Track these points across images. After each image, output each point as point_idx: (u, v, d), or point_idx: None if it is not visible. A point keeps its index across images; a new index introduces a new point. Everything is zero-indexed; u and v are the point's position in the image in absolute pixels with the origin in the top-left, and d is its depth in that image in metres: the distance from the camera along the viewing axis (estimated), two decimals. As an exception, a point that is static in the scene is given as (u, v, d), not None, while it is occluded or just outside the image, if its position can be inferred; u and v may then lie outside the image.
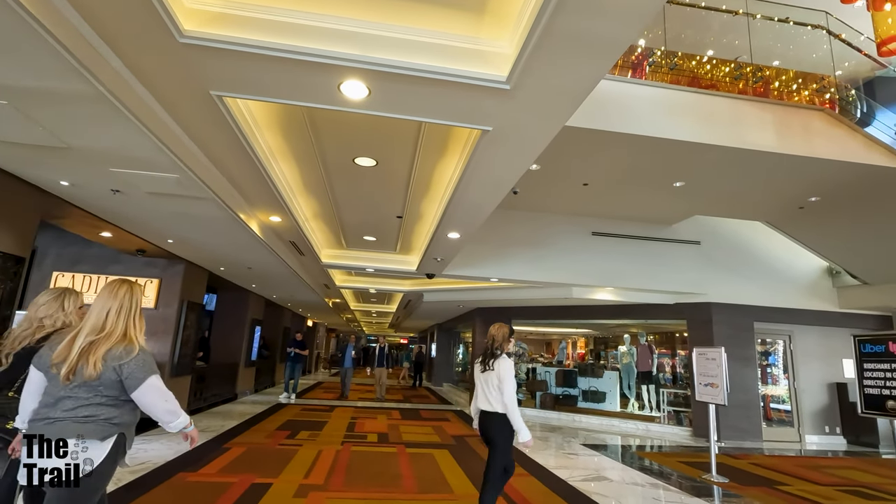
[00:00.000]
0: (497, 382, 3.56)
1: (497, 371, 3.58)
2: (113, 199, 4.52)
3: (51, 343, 2.04)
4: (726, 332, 9.12)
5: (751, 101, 6.24)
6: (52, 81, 2.51)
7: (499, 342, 3.73)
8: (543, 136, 3.21)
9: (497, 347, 3.72)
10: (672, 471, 6.16)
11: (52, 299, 2.46)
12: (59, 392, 1.92)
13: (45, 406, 1.94)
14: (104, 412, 1.94)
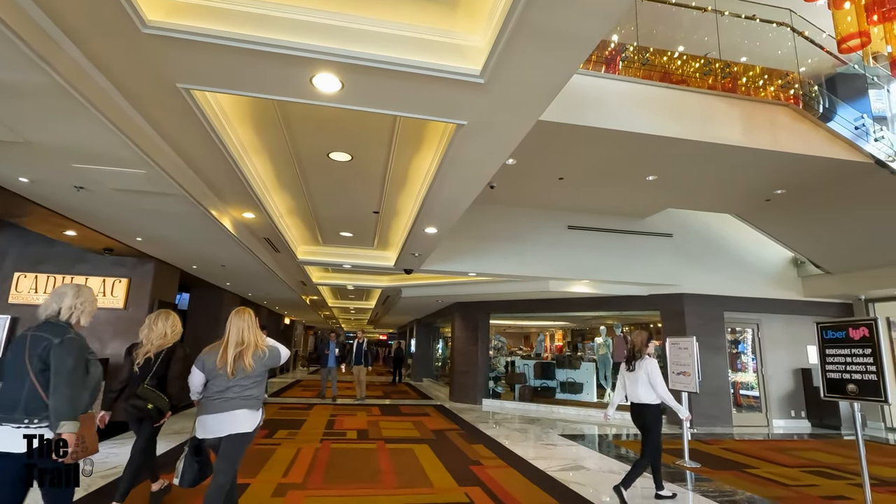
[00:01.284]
0: (646, 379, 4.45)
1: (645, 370, 4.47)
2: (77, 196, 4.36)
3: (207, 354, 3.12)
4: (698, 322, 9.37)
5: (720, 96, 6.39)
6: (6, 72, 2.39)
7: (639, 346, 4.62)
8: (518, 130, 3.23)
9: (638, 351, 4.61)
10: (647, 458, 6.31)
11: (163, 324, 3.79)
12: (227, 383, 3.00)
13: (219, 390, 3.00)
14: (256, 392, 3.09)
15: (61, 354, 2.34)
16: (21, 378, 2.33)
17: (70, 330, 2.46)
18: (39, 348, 2.35)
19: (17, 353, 2.38)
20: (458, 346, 12.62)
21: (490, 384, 12.11)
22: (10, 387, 2.34)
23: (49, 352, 2.34)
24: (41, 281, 7.16)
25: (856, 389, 4.09)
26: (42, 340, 2.36)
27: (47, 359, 2.33)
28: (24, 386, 2.31)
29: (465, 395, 12.02)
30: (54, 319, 2.46)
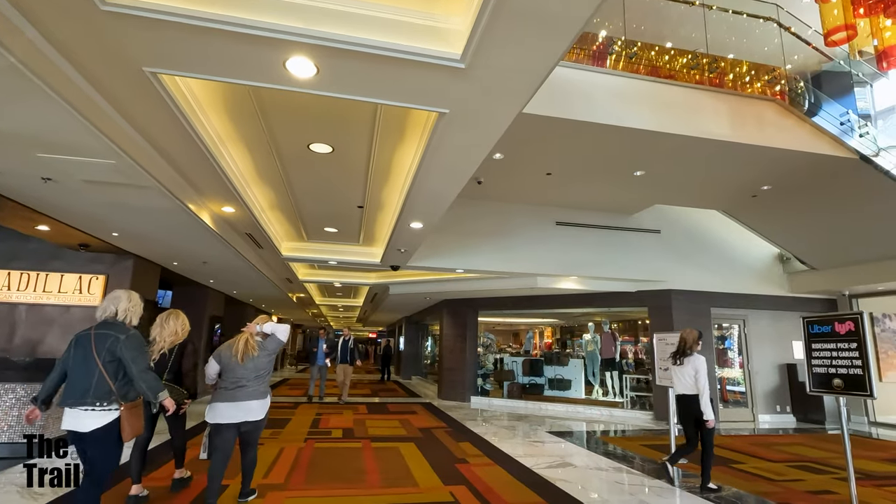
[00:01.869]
0: (693, 373, 4.79)
1: (693, 365, 4.84)
2: (45, 188, 4.18)
3: (223, 348, 3.81)
4: (685, 318, 9.37)
5: (707, 91, 6.37)
6: (-45, 52, 2.25)
7: (689, 343, 5.03)
8: (502, 118, 3.14)
9: (688, 347, 5.01)
10: (635, 454, 6.29)
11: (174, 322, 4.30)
12: (239, 379, 3.69)
13: (233, 381, 3.69)
14: (262, 387, 3.83)
15: (131, 347, 2.89)
16: (90, 369, 2.81)
17: (129, 328, 3.01)
18: (107, 343, 2.85)
19: (83, 348, 2.86)
20: (446, 344, 12.54)
21: (479, 381, 12.04)
22: (79, 377, 2.81)
23: (118, 346, 2.85)
24: (14, 278, 6.93)
25: (841, 384, 4.07)
26: (108, 337, 2.87)
27: (116, 352, 2.84)
28: (93, 375, 2.80)
29: (453, 392, 11.94)
30: (112, 319, 2.99)
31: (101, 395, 2.78)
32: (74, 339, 2.94)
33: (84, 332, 2.95)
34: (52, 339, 6.94)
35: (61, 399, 2.86)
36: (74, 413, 2.76)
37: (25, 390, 5.46)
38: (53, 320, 6.99)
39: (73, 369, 2.85)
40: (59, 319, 7.01)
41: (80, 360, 2.84)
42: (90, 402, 2.76)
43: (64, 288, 7.05)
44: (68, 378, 2.87)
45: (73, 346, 2.91)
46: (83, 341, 2.89)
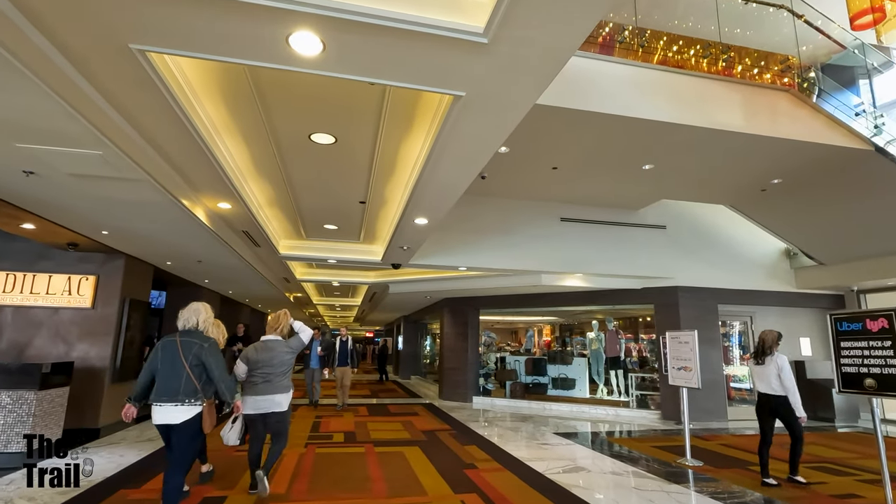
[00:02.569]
0: (776, 373, 5.06)
1: (775, 364, 5.11)
2: (28, 182, 3.91)
3: (248, 351, 4.24)
4: (692, 315, 9.19)
5: (719, 80, 6.17)
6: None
7: (769, 343, 5.31)
8: (522, 102, 2.90)
9: (768, 347, 5.28)
10: (647, 456, 6.08)
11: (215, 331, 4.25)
12: (266, 375, 4.12)
13: (264, 377, 4.11)
14: (286, 382, 4.25)
15: (212, 353, 3.45)
16: (177, 371, 3.30)
17: (209, 337, 3.54)
18: (193, 349, 3.38)
19: (170, 353, 3.36)
20: (447, 343, 12.31)
21: (480, 381, 11.83)
22: (169, 378, 3.29)
23: (202, 352, 3.39)
24: (0, 279, 6.63)
25: (874, 384, 3.87)
26: (193, 344, 3.40)
27: (201, 356, 3.38)
28: (181, 377, 3.29)
29: (454, 392, 11.72)
30: (193, 329, 3.52)
31: (189, 393, 3.31)
32: (161, 345, 3.43)
33: (170, 339, 3.44)
34: (40, 342, 6.66)
35: (153, 396, 3.31)
36: (166, 408, 3.26)
37: (11, 397, 5.19)
38: (41, 323, 6.70)
39: (162, 371, 3.34)
40: (48, 322, 6.72)
41: (167, 364, 3.34)
42: (180, 399, 3.28)
43: (52, 289, 6.76)
44: (158, 379, 3.34)
45: (160, 351, 3.40)
46: (170, 347, 3.39)
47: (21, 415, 5.17)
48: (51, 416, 5.54)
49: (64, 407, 5.82)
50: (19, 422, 5.15)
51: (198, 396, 3.32)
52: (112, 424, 6.86)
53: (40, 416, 5.33)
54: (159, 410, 3.26)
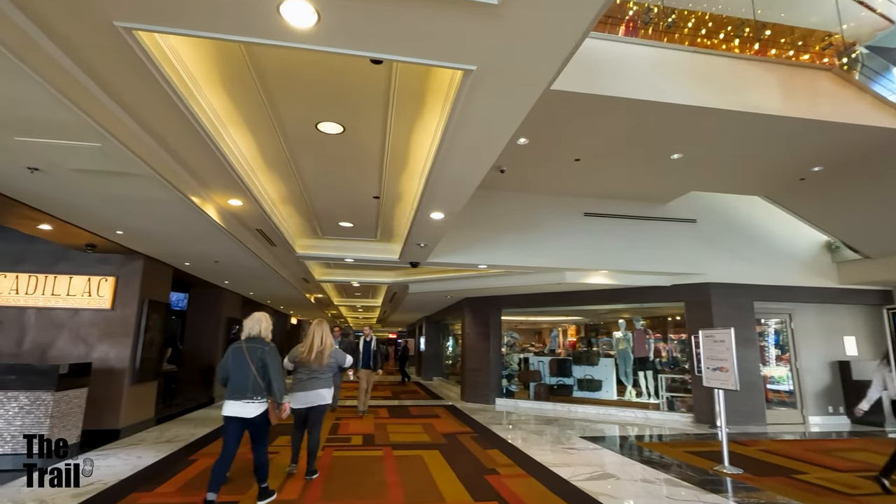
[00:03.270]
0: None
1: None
2: (34, 180, 3.84)
3: (295, 350, 4.96)
4: (726, 313, 8.73)
5: (754, 61, 5.78)
6: None
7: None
8: (539, 76, 2.65)
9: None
10: (680, 463, 5.71)
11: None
12: (311, 371, 4.84)
13: (307, 375, 4.81)
14: (330, 378, 4.96)
15: (273, 356, 4.02)
16: (245, 372, 3.90)
17: (270, 342, 4.12)
18: (258, 353, 3.96)
19: (239, 357, 3.96)
20: (468, 344, 12.06)
21: (503, 383, 11.53)
22: (238, 378, 3.90)
23: (265, 355, 3.97)
24: (22, 281, 6.69)
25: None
26: (257, 349, 3.97)
27: (264, 359, 3.95)
28: (248, 377, 3.90)
29: (477, 394, 11.46)
30: (257, 335, 4.08)
31: (257, 391, 3.91)
32: (230, 351, 4.01)
33: (237, 346, 4.02)
34: (61, 343, 6.70)
35: (227, 394, 3.91)
36: (239, 404, 3.87)
37: (28, 398, 5.18)
38: (63, 324, 6.74)
39: (233, 373, 3.93)
40: (69, 323, 6.75)
41: (237, 366, 3.94)
42: (250, 396, 3.88)
43: (73, 291, 6.80)
44: (230, 379, 3.93)
45: (231, 356, 3.98)
46: (238, 352, 3.98)
47: (39, 416, 5.16)
48: (69, 417, 5.53)
49: (82, 408, 5.82)
50: (37, 423, 5.14)
51: (263, 394, 3.95)
52: (132, 426, 6.86)
53: (58, 418, 5.31)
54: (232, 405, 3.88)
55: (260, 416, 3.95)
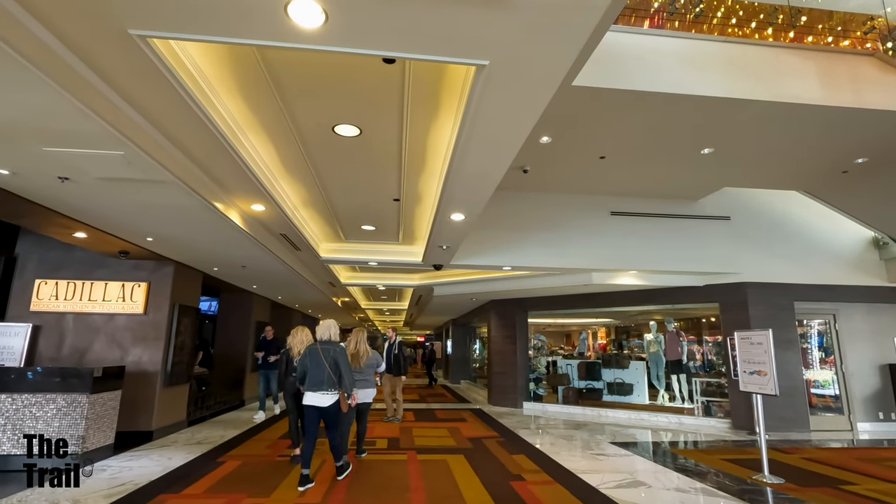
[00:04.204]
0: None
1: None
2: (64, 189, 3.97)
3: None
4: (764, 314, 8.34)
5: (789, 48, 5.49)
6: None
7: None
8: (554, 69, 2.55)
9: None
10: (717, 471, 5.45)
11: (303, 336, 5.76)
12: (356, 375, 5.51)
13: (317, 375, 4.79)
14: (371, 379, 5.97)
15: (343, 355, 4.80)
16: (321, 368, 4.68)
17: (340, 344, 4.93)
18: (331, 353, 4.75)
19: (315, 356, 4.74)
20: (495, 346, 11.93)
21: (531, 386, 11.34)
22: (316, 374, 4.68)
23: (336, 354, 4.75)
24: (61, 287, 6.97)
25: None
26: (330, 350, 4.76)
27: (336, 358, 4.73)
28: (324, 372, 4.67)
29: (504, 397, 11.31)
30: (328, 339, 4.90)
31: (331, 385, 4.68)
32: (307, 351, 4.84)
33: (313, 347, 4.84)
34: (98, 346, 6.93)
35: (306, 386, 4.73)
36: (317, 395, 4.65)
37: (65, 400, 5.36)
38: (99, 329, 6.98)
39: (311, 369, 4.72)
40: (105, 328, 6.99)
41: (314, 364, 4.73)
42: (325, 389, 4.66)
43: (108, 296, 7.03)
44: (308, 375, 4.72)
45: (308, 355, 4.81)
46: (314, 353, 4.77)
47: (75, 417, 5.33)
48: (103, 419, 5.70)
49: (116, 410, 5.99)
50: (73, 424, 5.31)
51: (335, 387, 4.69)
52: (164, 427, 7.03)
53: (93, 419, 5.48)
54: (311, 396, 4.67)
55: (333, 405, 4.68)
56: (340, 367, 4.70)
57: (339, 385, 4.70)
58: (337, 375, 4.69)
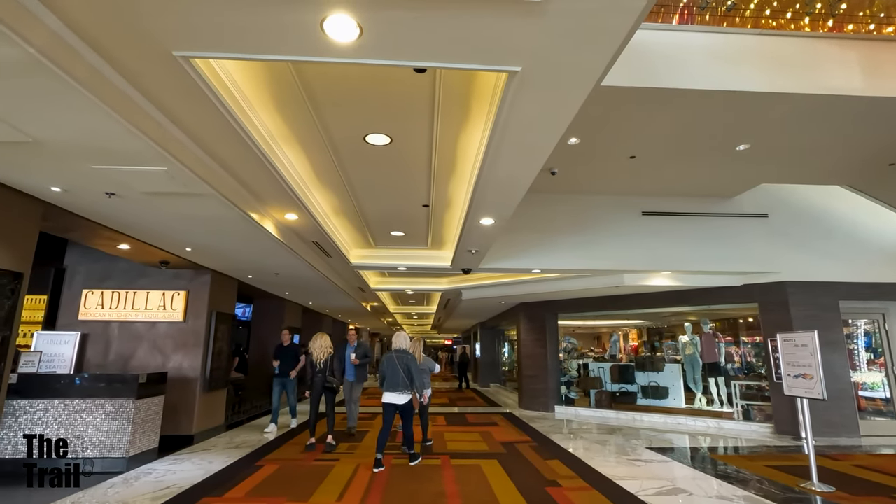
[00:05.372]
0: None
1: None
2: (111, 204, 4.16)
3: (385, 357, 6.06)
4: (806, 314, 8.02)
5: (829, 38, 5.29)
6: (-27, 47, 2.06)
7: None
8: (587, 74, 2.53)
9: None
10: (760, 478, 5.27)
11: (322, 341, 6.93)
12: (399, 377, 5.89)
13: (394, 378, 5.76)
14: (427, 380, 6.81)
15: (414, 362, 5.82)
16: (397, 373, 5.65)
17: (411, 353, 5.95)
18: (405, 360, 5.74)
19: (392, 363, 5.74)
20: (524, 350, 11.84)
21: (562, 389, 11.21)
22: (392, 377, 5.68)
23: (409, 362, 5.74)
24: (107, 297, 7.28)
25: None
26: (403, 358, 5.76)
27: (408, 364, 5.72)
28: (399, 376, 5.64)
29: (535, 401, 11.21)
30: (401, 348, 5.88)
31: (405, 386, 5.65)
32: (385, 358, 5.87)
33: (390, 355, 5.84)
34: (141, 353, 7.20)
35: (385, 387, 5.74)
36: (394, 395, 5.66)
37: (113, 406, 5.59)
38: (142, 336, 7.25)
39: (388, 374, 5.72)
40: (147, 335, 7.26)
41: (391, 369, 5.72)
42: (400, 390, 5.65)
43: (150, 305, 7.30)
44: (387, 378, 5.72)
45: (386, 362, 5.82)
46: (391, 360, 5.78)
47: (122, 422, 5.56)
48: (148, 423, 5.91)
49: (160, 415, 6.20)
50: (120, 429, 5.53)
51: (408, 389, 5.67)
52: (204, 431, 7.24)
53: (139, 424, 5.70)
54: (389, 396, 5.68)
55: (407, 403, 5.70)
56: (412, 372, 5.68)
57: (411, 386, 5.67)
58: (409, 378, 5.65)
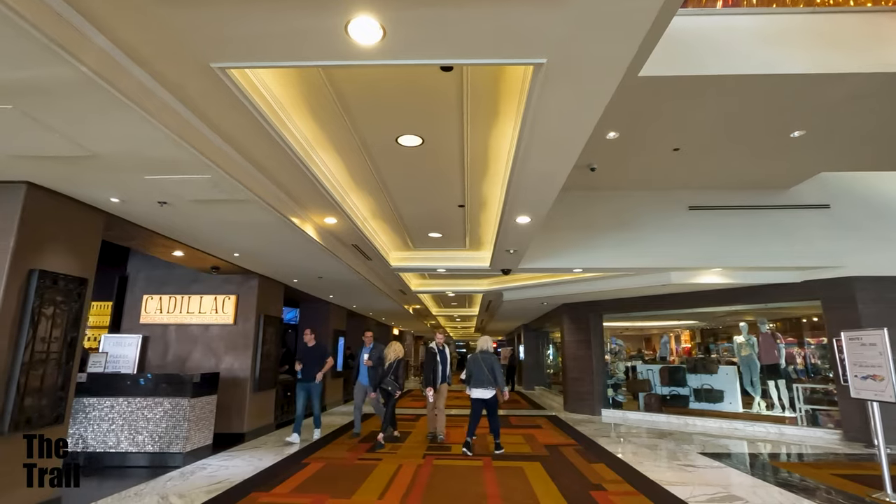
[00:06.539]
0: None
1: None
2: (164, 212, 4.43)
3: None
4: (876, 311, 7.43)
5: (888, 11, 4.89)
6: (33, 69, 2.25)
7: None
8: (614, 63, 2.46)
9: None
10: (827, 487, 4.91)
11: (396, 347, 7.28)
12: None
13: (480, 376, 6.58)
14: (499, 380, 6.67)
15: (497, 363, 6.64)
16: (482, 372, 6.47)
17: (494, 353, 6.75)
18: (489, 361, 6.57)
19: (477, 363, 6.55)
20: (569, 352, 11.60)
21: (609, 392, 10.89)
22: (479, 375, 6.49)
23: (492, 362, 6.57)
24: (164, 302, 7.74)
25: None
26: (488, 358, 6.58)
27: (492, 364, 6.54)
28: (484, 374, 6.46)
29: (580, 404, 10.94)
30: (484, 349, 6.71)
31: (489, 383, 6.43)
32: (471, 359, 6.67)
33: (475, 356, 6.64)
34: (196, 355, 7.60)
35: (472, 384, 6.52)
36: (480, 391, 6.46)
37: (171, 404, 5.91)
38: (197, 338, 7.65)
39: (475, 371, 6.50)
40: (201, 337, 7.65)
41: (478, 368, 6.51)
42: (486, 386, 6.44)
43: (203, 308, 7.70)
44: (474, 376, 6.50)
45: (472, 362, 6.61)
46: (477, 360, 6.58)
47: (178, 419, 5.88)
48: (203, 420, 6.22)
49: (213, 413, 6.51)
50: (177, 426, 5.86)
51: (493, 384, 6.43)
52: (255, 430, 7.54)
53: (194, 421, 6.01)
54: (477, 391, 6.47)
55: (492, 398, 6.48)
56: (495, 371, 6.46)
57: (495, 383, 6.40)
58: (493, 376, 6.40)
